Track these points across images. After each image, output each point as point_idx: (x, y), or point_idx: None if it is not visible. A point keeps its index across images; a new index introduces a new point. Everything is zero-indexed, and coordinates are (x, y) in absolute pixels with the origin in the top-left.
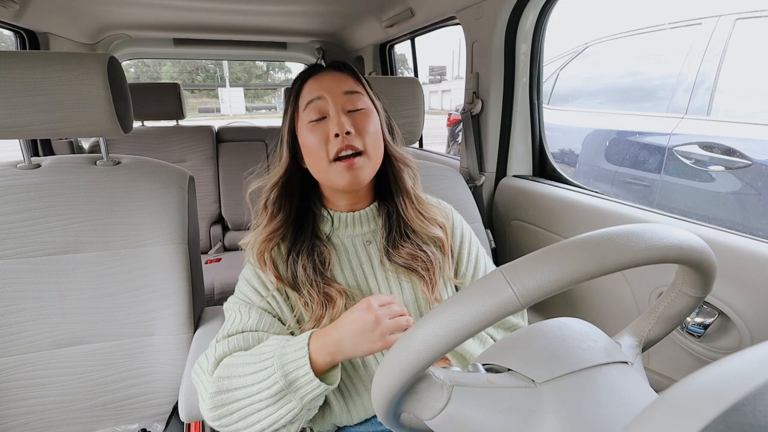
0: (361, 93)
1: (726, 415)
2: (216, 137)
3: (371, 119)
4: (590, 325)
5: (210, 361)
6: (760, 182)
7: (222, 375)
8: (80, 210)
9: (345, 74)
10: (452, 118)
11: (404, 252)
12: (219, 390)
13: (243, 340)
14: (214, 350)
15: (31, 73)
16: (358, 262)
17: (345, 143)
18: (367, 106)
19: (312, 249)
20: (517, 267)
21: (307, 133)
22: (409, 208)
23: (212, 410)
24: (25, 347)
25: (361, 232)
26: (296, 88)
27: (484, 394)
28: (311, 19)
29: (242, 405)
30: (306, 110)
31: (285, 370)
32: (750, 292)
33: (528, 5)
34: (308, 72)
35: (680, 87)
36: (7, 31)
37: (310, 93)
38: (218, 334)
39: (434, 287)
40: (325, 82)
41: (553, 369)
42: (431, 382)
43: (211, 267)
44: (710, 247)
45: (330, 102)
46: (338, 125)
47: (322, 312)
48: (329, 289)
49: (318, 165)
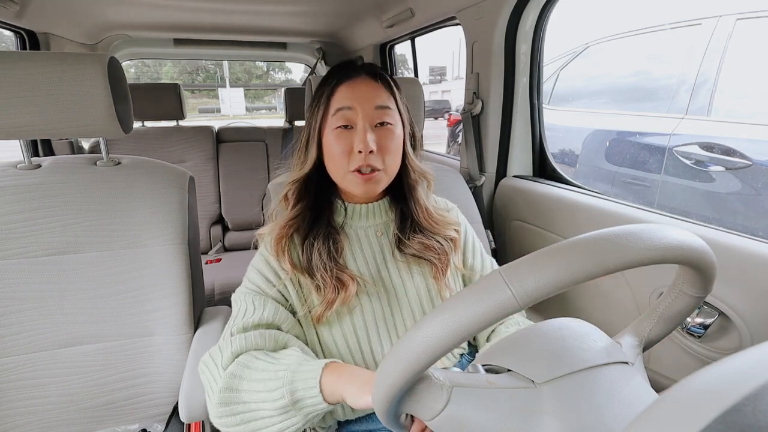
0: (391, 108)
1: (726, 415)
2: (216, 137)
3: (395, 136)
4: (590, 325)
5: (225, 355)
6: (760, 182)
7: (235, 373)
8: (80, 210)
9: (379, 84)
10: (452, 119)
11: (416, 242)
12: (229, 387)
13: (261, 337)
14: (230, 344)
15: (31, 74)
16: (371, 252)
17: (366, 161)
18: (394, 121)
19: (327, 236)
20: (515, 268)
21: (332, 139)
22: (421, 216)
23: (218, 406)
24: (26, 347)
25: (374, 223)
26: (329, 90)
27: (483, 395)
28: (311, 19)
29: (248, 408)
30: (335, 116)
31: (293, 387)
32: (750, 292)
33: (528, 5)
34: (343, 74)
35: (680, 87)
36: (7, 31)
37: (342, 99)
38: (231, 326)
39: (444, 274)
40: (358, 92)
41: (552, 369)
42: (431, 383)
43: (211, 267)
44: (710, 247)
45: (360, 115)
46: (363, 143)
47: (334, 296)
48: (342, 274)
49: (336, 171)
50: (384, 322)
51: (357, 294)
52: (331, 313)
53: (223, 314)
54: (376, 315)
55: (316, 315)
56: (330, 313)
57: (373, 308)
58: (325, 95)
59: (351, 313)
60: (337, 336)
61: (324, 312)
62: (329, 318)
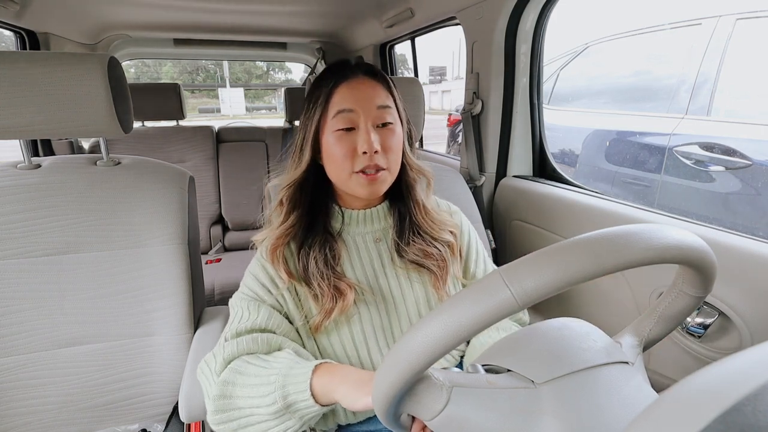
0: (391, 107)
1: (726, 415)
2: (216, 137)
3: (396, 135)
4: (590, 325)
5: (218, 361)
6: (760, 182)
7: (227, 380)
8: (80, 210)
9: (378, 84)
10: (452, 119)
11: (415, 248)
12: (222, 395)
13: (253, 341)
14: (223, 349)
15: (31, 73)
16: (369, 259)
17: (372, 162)
18: (394, 120)
19: (323, 243)
20: (514, 268)
21: (333, 142)
22: (419, 215)
23: (214, 413)
24: (26, 347)
25: (372, 229)
26: (327, 92)
27: (483, 395)
28: (311, 19)
29: (243, 414)
30: (335, 118)
31: (285, 392)
32: (750, 292)
33: (528, 5)
34: (340, 74)
35: (680, 87)
36: (7, 31)
37: (342, 101)
38: (226, 331)
39: (444, 282)
40: (358, 93)
41: (552, 369)
42: (431, 383)
43: (211, 267)
44: (710, 247)
45: (362, 116)
46: (368, 144)
47: (332, 305)
48: (339, 283)
49: (339, 174)
50: (382, 331)
51: (355, 302)
52: (329, 323)
53: (223, 314)
54: (374, 324)
55: (314, 324)
56: (328, 322)
57: (371, 317)
58: (322, 97)
59: (349, 322)
60: (336, 345)
61: (322, 321)
62: (327, 327)
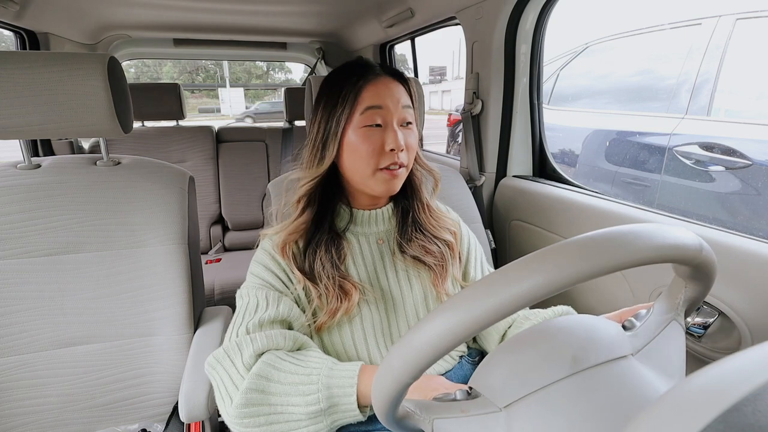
0: (411, 108)
1: (726, 415)
2: (216, 137)
3: (414, 134)
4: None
5: (245, 354)
6: (760, 182)
7: (261, 373)
8: (80, 210)
9: (402, 86)
10: (452, 119)
11: (417, 244)
12: (255, 388)
13: (281, 337)
14: (251, 342)
15: (31, 73)
16: (371, 258)
17: (398, 159)
18: (414, 120)
19: (330, 243)
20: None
21: (359, 138)
22: (422, 213)
23: (241, 407)
24: (26, 347)
25: (376, 230)
26: (355, 89)
27: (462, 423)
28: (311, 19)
29: (275, 410)
30: (364, 114)
31: (330, 392)
32: (750, 292)
33: (528, 5)
34: (365, 74)
35: (681, 87)
36: (7, 31)
37: (371, 98)
38: (247, 322)
39: (444, 281)
40: (387, 91)
41: (513, 391)
42: (414, 418)
43: (211, 267)
44: (710, 247)
45: (391, 113)
46: (395, 142)
47: (337, 305)
48: (345, 283)
49: (363, 170)
50: (382, 331)
51: (359, 303)
52: (333, 322)
53: (223, 314)
54: (374, 323)
55: (318, 323)
56: (332, 322)
57: (372, 317)
58: (351, 94)
59: (351, 321)
60: (336, 343)
61: (327, 321)
62: (329, 326)
